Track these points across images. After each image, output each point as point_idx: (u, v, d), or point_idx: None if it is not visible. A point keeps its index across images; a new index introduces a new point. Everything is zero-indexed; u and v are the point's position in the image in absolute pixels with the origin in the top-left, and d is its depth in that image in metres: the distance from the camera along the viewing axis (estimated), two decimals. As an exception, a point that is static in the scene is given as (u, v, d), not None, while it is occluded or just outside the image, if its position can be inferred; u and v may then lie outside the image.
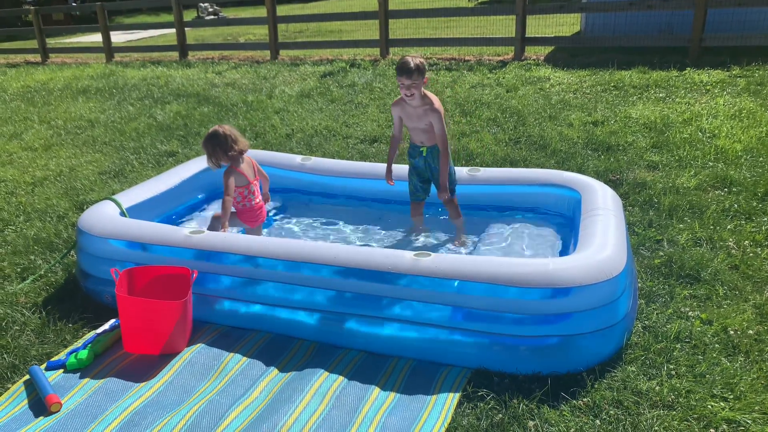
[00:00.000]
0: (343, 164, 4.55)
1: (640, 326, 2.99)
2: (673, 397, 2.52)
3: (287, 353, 2.99)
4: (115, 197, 3.90)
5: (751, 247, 3.68)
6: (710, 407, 2.46)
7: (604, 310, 2.72)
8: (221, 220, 3.67)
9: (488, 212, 4.11)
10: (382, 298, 2.90)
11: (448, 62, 9.85)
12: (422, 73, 3.49)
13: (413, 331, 2.87)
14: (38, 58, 14.09)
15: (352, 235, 4.12)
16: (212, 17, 22.18)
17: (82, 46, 16.69)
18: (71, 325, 3.28)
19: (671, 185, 4.54)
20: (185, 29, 12.46)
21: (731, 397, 2.52)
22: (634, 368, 2.71)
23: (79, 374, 2.88)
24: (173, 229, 3.45)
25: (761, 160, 4.88)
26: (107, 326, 3.16)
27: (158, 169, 5.76)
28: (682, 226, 3.97)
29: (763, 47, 8.28)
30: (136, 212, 3.84)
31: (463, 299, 2.77)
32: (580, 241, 3.09)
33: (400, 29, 12.51)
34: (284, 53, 11.81)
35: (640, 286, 3.35)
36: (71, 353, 2.98)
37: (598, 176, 4.72)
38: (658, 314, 3.08)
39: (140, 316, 2.94)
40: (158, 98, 8.75)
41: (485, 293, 2.73)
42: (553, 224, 3.93)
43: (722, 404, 2.48)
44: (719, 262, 3.51)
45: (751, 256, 3.58)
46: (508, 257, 3.26)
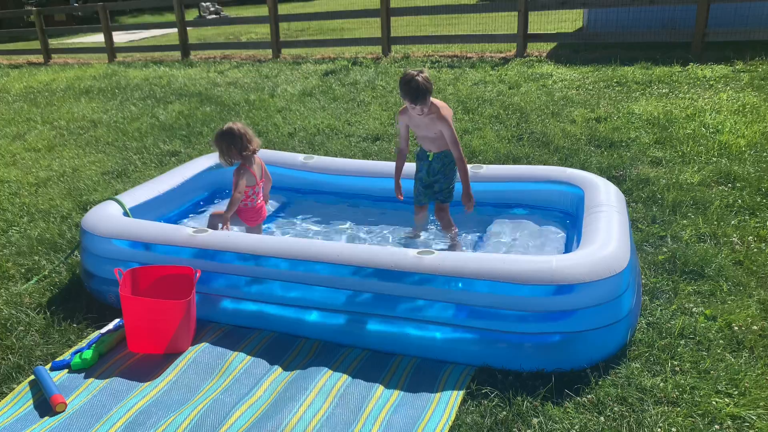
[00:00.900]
0: (345, 163, 4.56)
1: (644, 323, 2.99)
2: (677, 393, 2.52)
3: (291, 352, 3.00)
4: (118, 197, 3.91)
5: (755, 242, 3.67)
6: (715, 403, 2.45)
7: (607, 306, 2.71)
8: (224, 216, 3.68)
9: (491, 209, 4.10)
10: (386, 296, 2.90)
11: (450, 59, 9.85)
12: (431, 93, 3.41)
13: (416, 328, 2.87)
14: (41, 59, 14.10)
15: (355, 233, 4.12)
16: (214, 16, 22.19)
17: (84, 46, 16.69)
18: (76, 325, 3.29)
19: (675, 181, 4.52)
20: (187, 29, 12.47)
21: (736, 393, 2.51)
22: (638, 365, 2.71)
23: (83, 374, 2.88)
24: (176, 228, 3.46)
25: (765, 155, 4.86)
26: (111, 326, 3.17)
27: (161, 168, 5.77)
28: (685, 222, 3.96)
29: (766, 42, 8.24)
30: (139, 212, 3.85)
31: (466, 297, 2.76)
32: (583, 237, 3.08)
33: (401, 27, 12.48)
34: (286, 52, 11.81)
35: (643, 282, 3.34)
36: (76, 353, 2.99)
37: (601, 172, 4.71)
38: (662, 310, 3.07)
39: (144, 315, 2.95)
40: (160, 98, 8.75)
41: (489, 290, 2.72)
42: (556, 221, 3.92)
43: (727, 400, 2.47)
44: (723, 257, 3.50)
45: (755, 251, 3.57)
46: (511, 254, 3.26)
